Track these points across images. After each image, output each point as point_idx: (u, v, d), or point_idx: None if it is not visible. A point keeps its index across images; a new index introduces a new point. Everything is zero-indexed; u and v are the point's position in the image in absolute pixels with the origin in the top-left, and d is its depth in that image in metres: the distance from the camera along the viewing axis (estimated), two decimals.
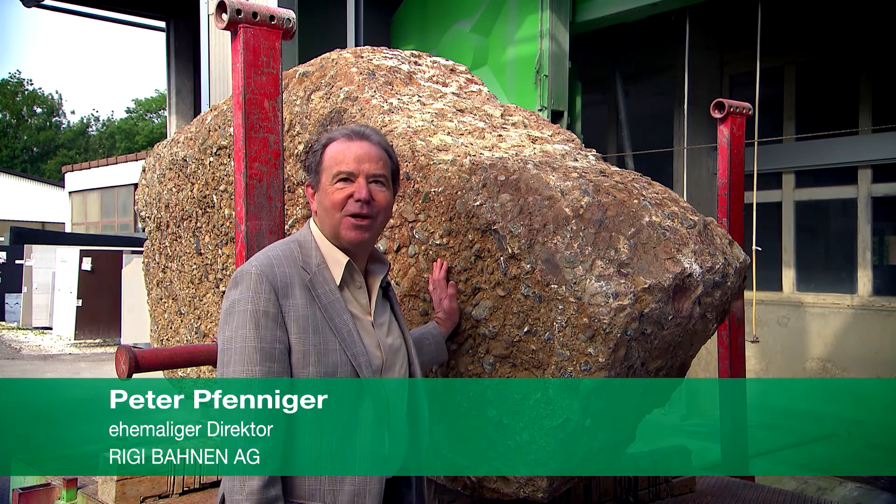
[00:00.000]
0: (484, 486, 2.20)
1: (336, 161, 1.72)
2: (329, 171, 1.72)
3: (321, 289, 1.67)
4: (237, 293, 1.63)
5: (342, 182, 1.70)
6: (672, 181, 7.81)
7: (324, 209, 1.72)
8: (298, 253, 1.71)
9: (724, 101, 3.68)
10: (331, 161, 1.72)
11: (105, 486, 2.78)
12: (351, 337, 1.66)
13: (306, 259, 1.70)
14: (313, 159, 1.77)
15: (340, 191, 1.70)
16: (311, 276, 1.68)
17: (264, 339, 1.59)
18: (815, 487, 5.25)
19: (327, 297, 1.67)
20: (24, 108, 47.25)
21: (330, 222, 1.72)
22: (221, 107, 3.20)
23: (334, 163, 1.72)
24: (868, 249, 7.19)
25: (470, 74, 3.04)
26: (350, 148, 1.72)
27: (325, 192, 1.72)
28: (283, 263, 1.67)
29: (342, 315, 1.67)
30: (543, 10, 6.34)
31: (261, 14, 2.27)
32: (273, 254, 1.69)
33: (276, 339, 1.60)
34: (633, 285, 1.88)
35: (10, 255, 17.97)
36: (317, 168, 1.75)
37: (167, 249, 3.53)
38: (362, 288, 1.76)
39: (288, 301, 1.63)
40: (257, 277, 1.62)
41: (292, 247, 1.72)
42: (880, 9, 6.80)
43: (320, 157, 1.75)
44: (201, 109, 6.68)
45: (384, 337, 1.76)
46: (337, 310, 1.67)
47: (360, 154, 1.71)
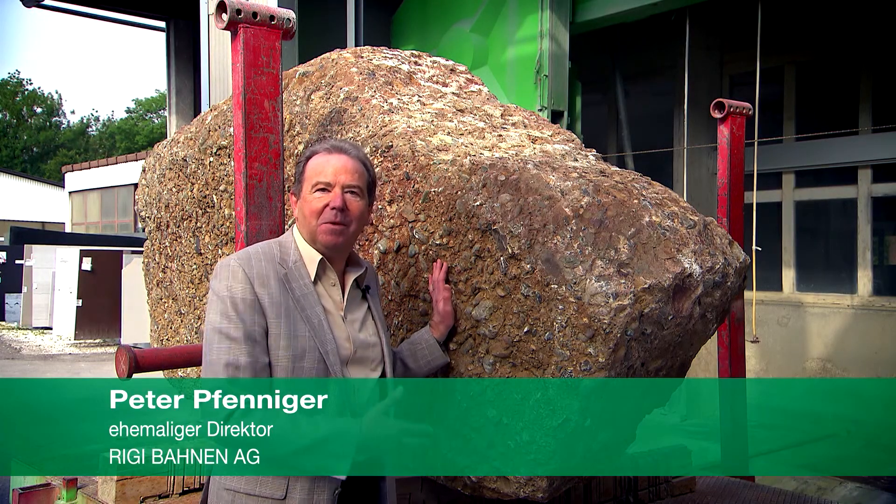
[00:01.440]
0: (484, 486, 2.20)
1: (315, 172, 1.88)
2: (309, 182, 1.89)
3: (296, 283, 1.84)
4: (217, 283, 1.80)
5: (320, 192, 1.87)
6: (672, 181, 7.81)
7: (303, 216, 1.89)
8: (278, 251, 1.88)
9: (724, 101, 3.68)
10: (311, 172, 1.89)
11: (105, 486, 2.78)
12: (321, 326, 1.81)
13: (284, 257, 1.87)
14: (297, 170, 1.94)
15: (318, 200, 1.86)
16: (287, 271, 1.84)
17: (244, 322, 1.75)
18: (815, 487, 5.25)
19: (301, 290, 1.83)
20: (23, 108, 47.25)
21: (308, 228, 1.88)
22: (221, 107, 3.20)
23: (314, 174, 1.88)
24: (868, 249, 7.19)
25: (470, 74, 3.04)
26: (329, 161, 1.89)
27: (305, 201, 1.89)
28: (261, 258, 1.84)
29: (314, 307, 1.83)
30: (543, 10, 6.34)
31: (261, 14, 2.27)
32: (253, 250, 1.88)
33: (254, 322, 1.76)
34: (633, 285, 1.88)
35: (10, 255, 17.97)
36: (299, 178, 1.93)
37: (167, 249, 3.53)
38: (336, 285, 1.91)
39: (263, 290, 1.79)
40: (235, 268, 1.80)
41: (273, 245, 1.90)
42: (880, 9, 6.80)
43: (303, 168, 1.92)
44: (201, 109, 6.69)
45: (355, 332, 1.89)
46: (310, 302, 1.83)
47: (337, 167, 1.88)
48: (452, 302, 2.16)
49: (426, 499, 2.48)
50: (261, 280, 1.79)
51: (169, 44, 11.05)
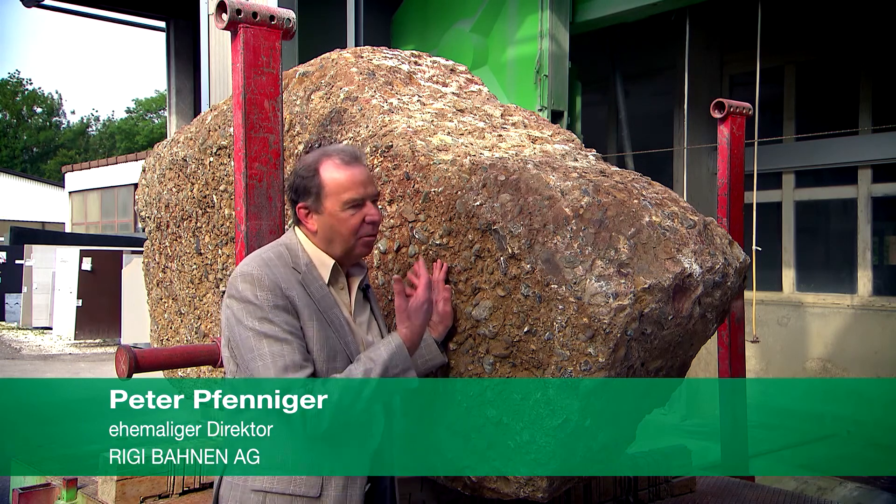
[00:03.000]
0: (484, 486, 2.20)
1: (342, 188, 1.82)
2: (336, 199, 1.82)
3: (313, 285, 1.81)
4: (246, 293, 1.74)
5: (353, 209, 1.83)
6: (672, 181, 7.81)
7: (338, 234, 1.84)
8: (287, 255, 1.84)
9: (724, 101, 3.68)
10: (336, 188, 1.82)
11: (105, 486, 2.78)
12: (343, 328, 1.82)
13: (295, 260, 1.83)
14: (311, 184, 1.84)
15: (354, 217, 1.83)
16: (303, 274, 1.81)
17: (283, 326, 1.72)
18: (815, 487, 5.25)
19: (319, 292, 1.82)
20: (23, 108, 47.25)
21: (345, 245, 1.85)
22: (221, 107, 3.20)
23: (341, 190, 1.82)
24: (868, 249, 7.19)
25: (470, 74, 3.04)
26: (353, 175, 1.84)
27: (335, 218, 1.83)
28: (276, 263, 1.80)
29: (333, 309, 1.82)
30: (543, 10, 6.33)
31: (261, 14, 2.27)
32: (266, 256, 1.83)
33: (293, 324, 1.74)
34: (633, 285, 1.88)
35: (10, 255, 17.97)
36: (317, 193, 1.84)
37: (167, 249, 3.53)
38: (345, 289, 1.90)
39: (290, 293, 1.76)
40: (259, 276, 1.75)
41: (281, 249, 1.85)
42: (880, 9, 6.80)
43: (320, 183, 1.83)
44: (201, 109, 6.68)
45: (363, 334, 1.89)
46: (329, 303, 1.82)
47: (362, 179, 1.85)
48: (452, 302, 2.16)
49: (426, 499, 2.48)
50: (286, 283, 1.76)
51: (169, 44, 11.04)
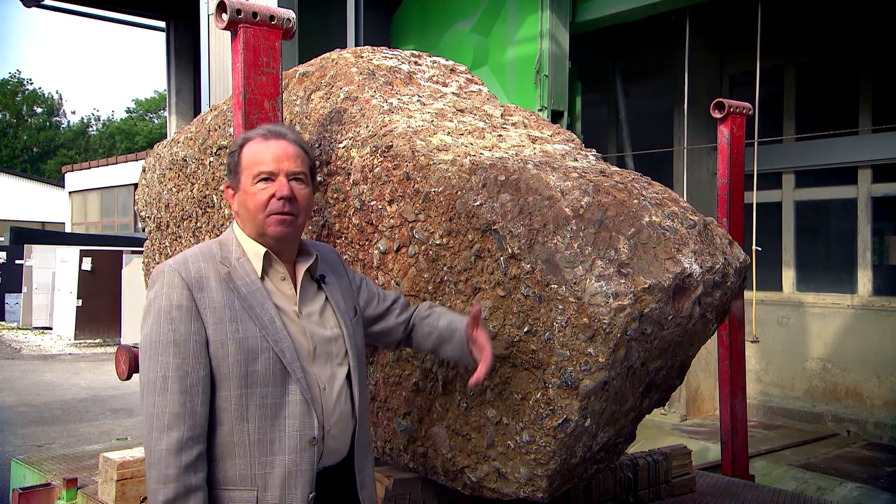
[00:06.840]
0: (484, 486, 2.20)
1: (255, 161, 1.74)
2: (249, 172, 1.74)
3: (240, 280, 1.71)
4: (153, 291, 1.68)
5: (263, 182, 1.73)
6: (672, 181, 7.80)
7: (247, 210, 1.75)
8: (218, 250, 1.75)
9: (724, 101, 3.69)
10: (249, 161, 1.75)
11: (105, 486, 2.78)
12: (273, 324, 1.69)
13: (225, 255, 1.74)
14: (231, 160, 1.79)
15: (263, 191, 1.73)
16: (230, 269, 1.72)
17: (177, 332, 1.63)
18: (815, 487, 5.25)
19: (247, 287, 1.71)
20: (24, 108, 47.29)
21: (254, 222, 1.74)
22: (221, 107, 3.20)
23: (253, 163, 1.74)
24: (868, 249, 7.19)
25: (470, 74, 3.04)
26: (268, 147, 1.75)
27: (247, 194, 1.74)
28: (198, 259, 1.71)
29: (263, 304, 1.70)
30: (543, 10, 6.33)
31: (261, 14, 2.27)
32: (190, 252, 1.75)
33: (190, 331, 1.64)
34: (633, 285, 1.88)
35: (10, 255, 17.99)
36: (235, 168, 1.77)
37: (167, 249, 3.53)
38: (286, 279, 1.78)
39: (202, 294, 1.67)
40: (170, 274, 1.67)
41: (212, 245, 1.78)
42: (880, 9, 6.80)
43: (238, 158, 1.77)
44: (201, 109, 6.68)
45: (314, 327, 1.77)
46: (258, 299, 1.70)
47: (278, 153, 1.74)
48: (452, 302, 2.15)
49: (426, 499, 2.48)
50: (199, 284, 1.67)
51: (169, 44, 11.04)
